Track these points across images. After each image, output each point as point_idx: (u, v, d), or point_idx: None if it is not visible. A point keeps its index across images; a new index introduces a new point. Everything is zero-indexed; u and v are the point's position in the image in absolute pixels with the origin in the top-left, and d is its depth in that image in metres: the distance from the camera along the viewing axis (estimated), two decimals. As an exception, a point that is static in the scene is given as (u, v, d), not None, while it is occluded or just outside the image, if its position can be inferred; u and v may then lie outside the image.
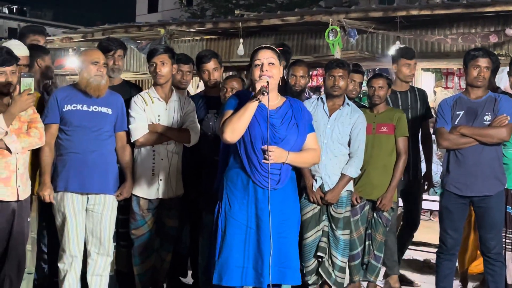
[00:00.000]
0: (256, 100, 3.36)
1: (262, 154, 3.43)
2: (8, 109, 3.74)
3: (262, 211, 3.45)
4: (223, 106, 3.65)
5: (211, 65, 4.79)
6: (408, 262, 6.02)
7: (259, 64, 3.48)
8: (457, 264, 4.81)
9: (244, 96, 3.52)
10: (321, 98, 4.65)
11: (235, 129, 3.39)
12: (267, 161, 3.39)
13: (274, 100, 3.56)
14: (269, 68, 3.47)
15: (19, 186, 3.86)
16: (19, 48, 4.20)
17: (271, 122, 3.45)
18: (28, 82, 3.75)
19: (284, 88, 5.01)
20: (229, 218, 3.49)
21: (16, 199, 3.85)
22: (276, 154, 3.41)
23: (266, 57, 3.49)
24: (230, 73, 8.75)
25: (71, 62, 9.17)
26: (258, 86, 3.37)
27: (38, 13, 43.38)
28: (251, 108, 3.38)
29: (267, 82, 3.39)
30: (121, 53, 4.62)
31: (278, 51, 3.59)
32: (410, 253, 6.26)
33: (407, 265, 5.89)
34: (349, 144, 4.57)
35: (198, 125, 4.50)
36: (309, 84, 9.25)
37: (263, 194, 3.46)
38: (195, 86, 9.98)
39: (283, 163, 3.45)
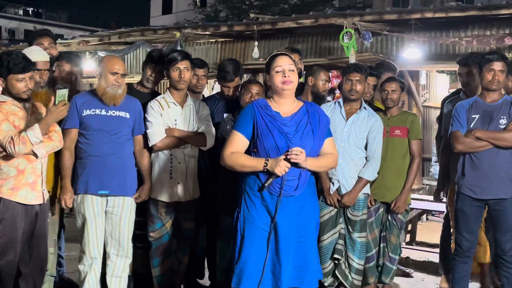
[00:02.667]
0: (265, 166, 3.41)
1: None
2: (44, 120, 3.83)
3: (278, 216, 3.48)
4: (237, 117, 3.68)
5: (234, 83, 4.85)
6: (424, 264, 6.04)
7: (280, 70, 3.52)
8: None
9: (261, 108, 3.55)
10: (338, 102, 4.70)
11: (233, 168, 3.53)
12: (297, 160, 3.39)
13: (290, 106, 3.60)
14: (290, 74, 3.52)
15: (43, 190, 3.96)
16: (39, 54, 4.29)
17: (284, 131, 3.48)
18: (63, 93, 3.83)
19: (301, 91, 5.08)
20: (247, 222, 3.53)
21: (41, 203, 3.94)
22: (301, 158, 3.41)
23: (287, 63, 3.53)
24: (245, 76, 8.82)
25: (88, 66, 9.28)
26: (278, 171, 3.38)
27: (53, 15, 43.67)
28: (258, 168, 3.45)
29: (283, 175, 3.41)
30: (162, 68, 4.63)
31: (293, 58, 3.65)
32: (426, 255, 6.28)
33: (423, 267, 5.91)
34: (365, 148, 4.62)
35: (213, 128, 4.55)
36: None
37: (279, 201, 3.48)
38: (210, 89, 10.05)
39: (303, 168, 3.47)
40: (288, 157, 3.39)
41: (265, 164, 3.42)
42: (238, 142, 3.55)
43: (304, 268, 3.52)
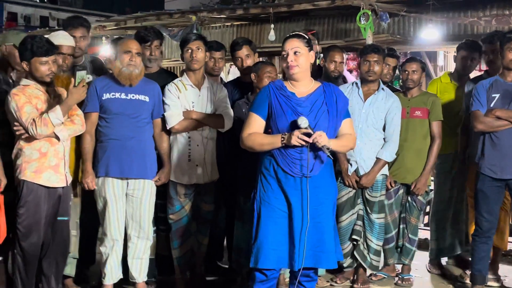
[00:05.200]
0: (282, 140, 3.43)
1: (290, 147, 3.46)
2: (65, 101, 3.89)
3: (293, 197, 3.50)
4: (254, 101, 3.69)
5: (243, 52, 4.85)
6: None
7: (285, 55, 3.53)
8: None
9: (276, 89, 3.57)
10: (356, 83, 4.68)
11: (253, 148, 3.57)
12: (319, 145, 3.40)
13: (306, 87, 3.60)
14: (294, 58, 3.52)
15: (66, 172, 4.02)
16: (64, 38, 4.33)
17: (298, 111, 3.48)
18: (82, 75, 3.90)
19: (318, 73, 5.06)
20: (263, 202, 3.55)
21: (64, 185, 4.01)
22: (323, 139, 3.42)
23: (291, 47, 3.53)
24: (261, 59, 8.80)
25: (105, 50, 9.32)
26: (293, 141, 3.40)
27: (69, 1, 43.72)
28: (276, 144, 3.47)
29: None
30: (158, 43, 4.65)
31: (307, 37, 3.61)
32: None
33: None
34: (384, 129, 4.60)
35: (231, 110, 4.56)
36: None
37: (294, 181, 3.51)
38: (226, 72, 10.04)
39: (327, 148, 3.46)
40: (314, 141, 3.39)
41: (282, 139, 3.44)
42: (255, 123, 3.58)
43: (320, 248, 3.52)
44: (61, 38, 4.23)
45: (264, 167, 3.60)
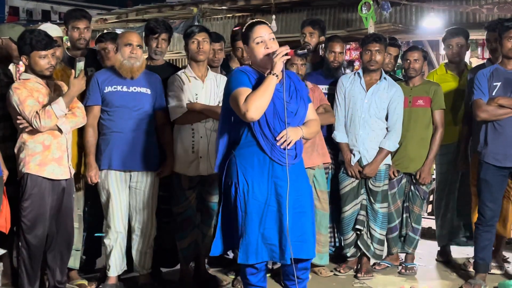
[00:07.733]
0: (275, 75, 3.28)
1: (277, 132, 3.38)
2: (68, 92, 3.91)
3: (281, 188, 3.39)
4: (233, 84, 3.43)
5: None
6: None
7: (262, 41, 3.37)
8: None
9: (249, 73, 3.43)
10: (358, 73, 4.68)
11: (260, 106, 3.27)
12: (288, 147, 3.35)
13: None
14: (272, 43, 3.38)
15: (70, 165, 4.05)
16: (54, 30, 4.34)
17: (280, 96, 3.36)
18: (81, 66, 3.91)
19: (320, 63, 5.05)
20: (248, 198, 3.41)
21: (68, 177, 4.03)
22: (293, 135, 3.37)
23: (267, 33, 3.39)
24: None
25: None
26: (279, 63, 3.27)
27: (70, -5, 43.64)
28: (272, 83, 3.29)
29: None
30: (166, 36, 4.58)
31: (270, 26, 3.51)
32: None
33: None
34: (386, 118, 4.61)
35: (234, 102, 4.55)
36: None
37: (281, 170, 3.39)
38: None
39: (301, 137, 3.44)
40: (282, 147, 3.35)
41: (272, 74, 3.29)
42: (247, 93, 3.34)
43: (301, 239, 3.43)
44: (53, 31, 4.22)
45: (243, 160, 3.43)
